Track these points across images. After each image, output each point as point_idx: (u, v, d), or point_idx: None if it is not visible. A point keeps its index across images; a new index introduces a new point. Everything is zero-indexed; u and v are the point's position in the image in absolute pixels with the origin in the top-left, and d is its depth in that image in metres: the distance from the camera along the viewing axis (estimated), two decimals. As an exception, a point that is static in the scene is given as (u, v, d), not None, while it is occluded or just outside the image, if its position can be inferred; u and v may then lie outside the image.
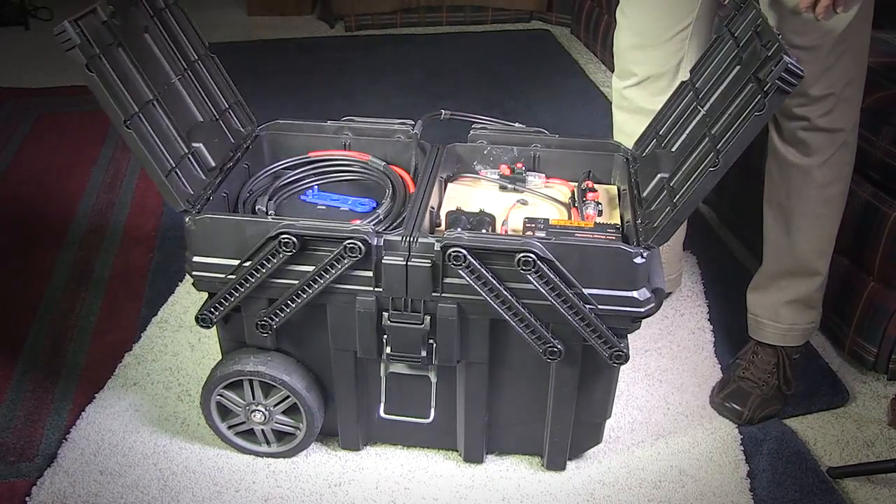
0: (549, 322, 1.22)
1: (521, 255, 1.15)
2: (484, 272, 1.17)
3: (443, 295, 1.22)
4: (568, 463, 1.42)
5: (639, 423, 1.53)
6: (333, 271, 1.21)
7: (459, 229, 1.26)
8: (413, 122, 1.48)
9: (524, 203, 1.42)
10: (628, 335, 1.25)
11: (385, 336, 1.27)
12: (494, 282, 1.17)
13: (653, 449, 1.48)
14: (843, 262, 1.69)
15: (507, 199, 1.43)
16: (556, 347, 1.22)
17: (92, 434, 1.48)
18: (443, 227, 1.33)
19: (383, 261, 1.20)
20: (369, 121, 1.50)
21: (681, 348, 1.73)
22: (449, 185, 1.46)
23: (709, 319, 1.82)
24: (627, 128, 1.65)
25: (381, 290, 1.23)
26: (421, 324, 1.24)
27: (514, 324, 1.20)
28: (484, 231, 1.29)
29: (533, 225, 1.30)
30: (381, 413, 1.36)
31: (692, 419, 1.54)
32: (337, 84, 3.15)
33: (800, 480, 1.41)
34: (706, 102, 1.30)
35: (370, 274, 1.22)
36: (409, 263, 1.20)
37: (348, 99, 3.01)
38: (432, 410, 1.35)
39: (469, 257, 1.16)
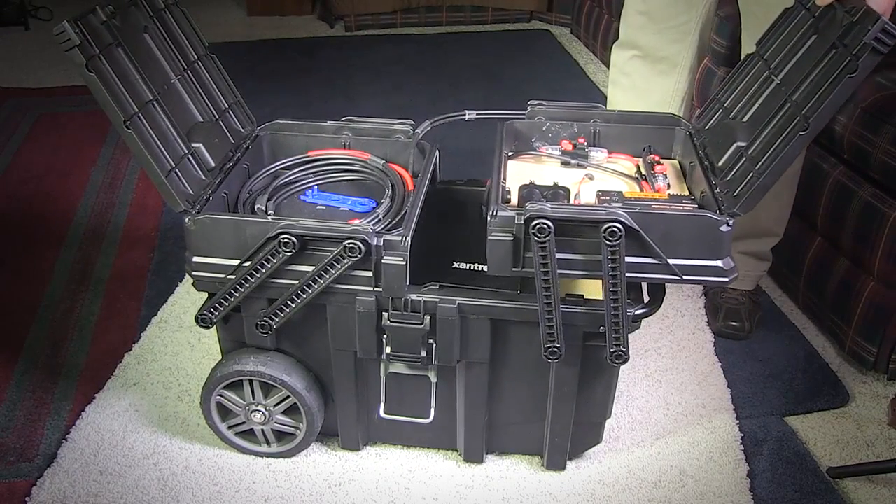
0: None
1: (608, 224, 1.12)
2: (553, 251, 1.14)
3: (523, 269, 1.19)
4: (568, 463, 1.42)
5: (639, 423, 1.53)
6: (333, 271, 1.21)
7: (537, 202, 1.20)
8: (413, 123, 1.48)
9: (591, 178, 1.40)
10: (629, 335, 1.25)
11: (385, 336, 1.27)
12: (554, 264, 1.14)
13: (653, 449, 1.48)
14: (843, 263, 1.69)
15: (572, 174, 1.41)
16: (557, 347, 1.22)
17: (92, 434, 1.49)
18: (513, 201, 1.30)
19: (383, 261, 1.20)
20: (369, 121, 1.50)
21: (681, 348, 1.73)
22: (510, 161, 1.44)
23: (707, 319, 1.81)
24: (619, 106, 1.73)
25: (380, 289, 1.23)
26: (421, 324, 1.24)
27: (541, 309, 1.18)
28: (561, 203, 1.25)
29: (608, 197, 1.26)
30: (381, 413, 1.36)
31: (692, 419, 1.54)
32: (337, 84, 3.15)
33: (800, 480, 1.41)
34: (780, 72, 1.28)
35: (370, 274, 1.22)
36: (490, 238, 1.17)
37: (348, 99, 3.02)
38: (432, 410, 1.35)
39: (552, 231, 1.12)
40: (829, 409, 1.58)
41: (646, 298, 1.26)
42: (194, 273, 1.27)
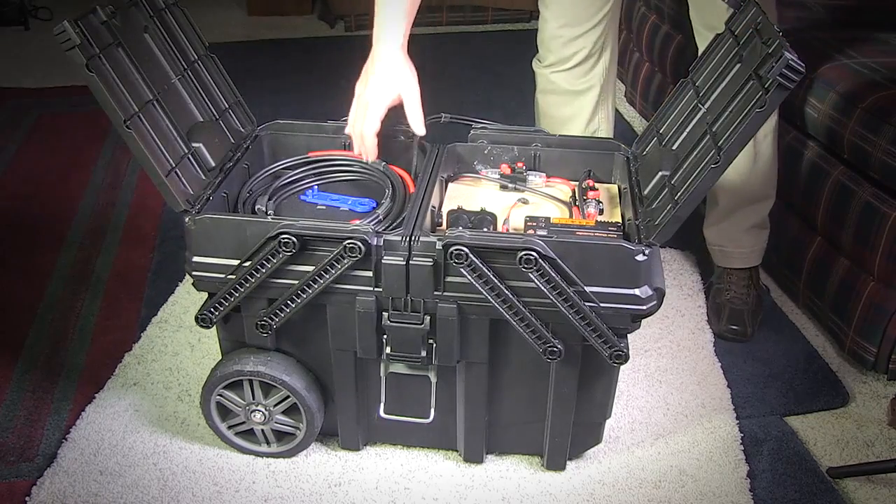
0: (550, 322, 1.22)
1: (523, 253, 1.15)
2: (485, 270, 1.17)
3: (444, 294, 1.22)
4: (568, 463, 1.42)
5: (639, 423, 1.53)
6: (333, 271, 1.21)
7: (461, 228, 1.26)
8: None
9: (525, 202, 1.42)
10: (628, 335, 1.25)
11: (385, 336, 1.27)
12: (496, 280, 1.17)
13: (653, 449, 1.48)
14: (842, 263, 1.69)
15: (508, 198, 1.43)
16: (556, 347, 1.22)
17: (92, 434, 1.48)
18: (444, 226, 1.33)
19: (383, 261, 1.20)
20: (369, 121, 1.50)
21: (681, 348, 1.73)
22: (450, 184, 1.46)
23: (708, 320, 1.81)
24: (553, 111, 1.74)
25: (380, 290, 1.23)
26: (421, 324, 1.24)
27: (514, 323, 1.20)
28: (485, 230, 1.29)
29: (534, 223, 1.30)
30: (381, 413, 1.36)
31: (692, 419, 1.54)
32: (337, 84, 3.14)
33: (800, 480, 1.41)
34: (706, 100, 1.30)
35: (370, 274, 1.22)
36: (410, 262, 1.20)
37: (348, 99, 3.00)
38: (432, 410, 1.35)
39: (471, 255, 1.16)
40: (829, 409, 1.58)
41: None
42: (194, 273, 1.27)
